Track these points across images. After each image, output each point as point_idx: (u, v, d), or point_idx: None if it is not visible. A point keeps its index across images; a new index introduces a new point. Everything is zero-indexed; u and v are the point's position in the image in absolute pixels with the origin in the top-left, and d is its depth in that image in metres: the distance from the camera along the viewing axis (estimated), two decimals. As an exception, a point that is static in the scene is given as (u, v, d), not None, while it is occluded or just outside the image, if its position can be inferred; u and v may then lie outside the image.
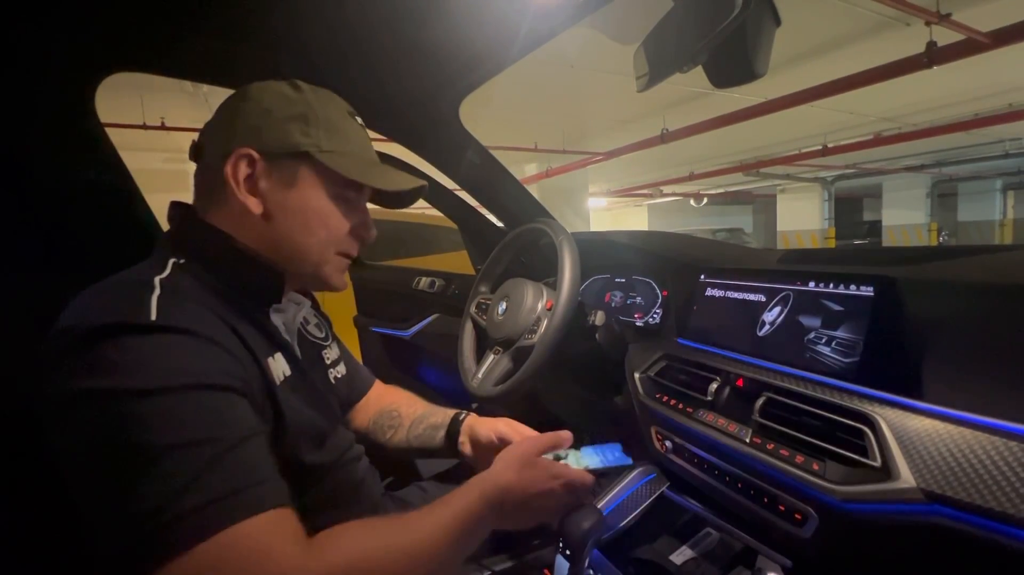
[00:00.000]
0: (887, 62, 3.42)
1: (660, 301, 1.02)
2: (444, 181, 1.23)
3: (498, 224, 1.40)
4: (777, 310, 0.73)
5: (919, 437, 0.50)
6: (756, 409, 0.65)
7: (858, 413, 0.56)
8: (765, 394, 0.66)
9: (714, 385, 0.73)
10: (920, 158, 8.87)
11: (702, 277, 0.89)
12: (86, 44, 0.74)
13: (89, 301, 0.49)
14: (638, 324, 1.04)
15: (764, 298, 0.76)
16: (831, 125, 6.20)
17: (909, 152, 8.20)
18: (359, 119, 0.66)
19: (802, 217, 12.05)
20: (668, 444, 0.78)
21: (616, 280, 1.15)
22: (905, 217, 11.28)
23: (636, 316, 1.05)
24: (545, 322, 0.87)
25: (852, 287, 0.64)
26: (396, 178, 0.65)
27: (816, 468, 0.56)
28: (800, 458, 0.58)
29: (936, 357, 0.55)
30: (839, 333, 0.63)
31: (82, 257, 0.76)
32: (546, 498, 0.60)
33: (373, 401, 0.91)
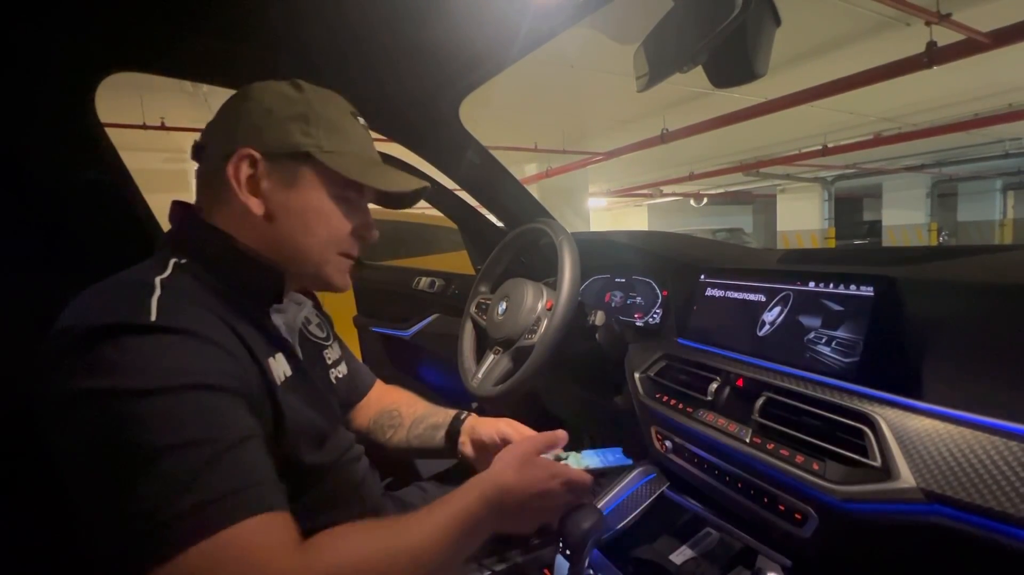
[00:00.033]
0: (887, 62, 3.42)
1: (660, 301, 1.02)
2: (444, 181, 1.23)
3: (498, 224, 1.41)
4: (777, 310, 0.73)
5: (919, 437, 0.50)
6: (756, 409, 0.65)
7: (858, 413, 0.56)
8: (765, 394, 0.66)
9: (714, 385, 0.73)
10: (920, 158, 8.87)
11: (702, 277, 0.89)
12: (86, 44, 0.74)
13: (89, 301, 0.49)
14: (638, 324, 1.04)
15: (764, 298, 0.76)
16: (831, 125, 6.20)
17: (909, 152, 8.20)
18: (361, 119, 0.65)
19: (802, 217, 12.04)
20: (668, 444, 0.78)
21: (616, 280, 1.15)
22: (905, 217, 11.27)
23: (636, 316, 1.05)
24: (545, 322, 0.87)
25: (852, 287, 0.64)
26: (397, 179, 0.65)
27: (816, 468, 0.56)
28: (800, 458, 0.58)
29: (936, 357, 0.55)
30: (839, 333, 0.63)
31: (82, 257, 0.76)
32: (546, 498, 0.59)
33: (374, 401, 0.91)
